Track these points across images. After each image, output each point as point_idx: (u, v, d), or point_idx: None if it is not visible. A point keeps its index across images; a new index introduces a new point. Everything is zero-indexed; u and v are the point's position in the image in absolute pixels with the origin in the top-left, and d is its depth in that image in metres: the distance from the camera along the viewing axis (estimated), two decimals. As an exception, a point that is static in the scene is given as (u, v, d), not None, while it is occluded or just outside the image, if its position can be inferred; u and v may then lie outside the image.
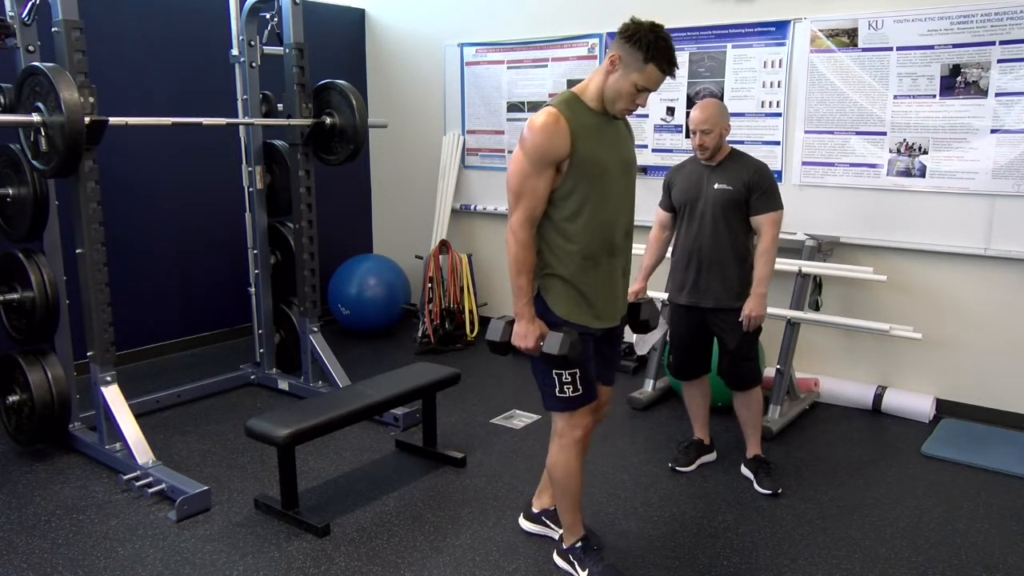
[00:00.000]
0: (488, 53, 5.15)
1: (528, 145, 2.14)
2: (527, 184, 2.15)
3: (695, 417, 3.35)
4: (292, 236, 4.08)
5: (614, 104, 2.19)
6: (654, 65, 2.11)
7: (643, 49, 2.09)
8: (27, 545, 2.68)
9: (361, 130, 3.77)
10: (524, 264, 2.20)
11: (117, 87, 4.23)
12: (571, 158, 2.15)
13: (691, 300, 3.10)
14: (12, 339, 3.41)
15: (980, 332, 3.80)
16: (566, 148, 2.14)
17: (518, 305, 2.23)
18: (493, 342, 2.35)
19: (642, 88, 2.14)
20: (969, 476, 3.26)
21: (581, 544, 2.49)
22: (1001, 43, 3.53)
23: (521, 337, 2.24)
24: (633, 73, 2.12)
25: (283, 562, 2.59)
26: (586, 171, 2.18)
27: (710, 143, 2.97)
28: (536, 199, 2.17)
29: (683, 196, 3.11)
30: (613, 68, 2.15)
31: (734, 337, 3.06)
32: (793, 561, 2.62)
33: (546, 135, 2.12)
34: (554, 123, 2.12)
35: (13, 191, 3.25)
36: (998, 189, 3.62)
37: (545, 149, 2.13)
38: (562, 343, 2.20)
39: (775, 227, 3.00)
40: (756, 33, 4.15)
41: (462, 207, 5.44)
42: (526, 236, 2.19)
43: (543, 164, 2.14)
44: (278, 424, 2.81)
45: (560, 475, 2.41)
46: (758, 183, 2.98)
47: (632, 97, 2.16)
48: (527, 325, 2.23)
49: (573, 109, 2.17)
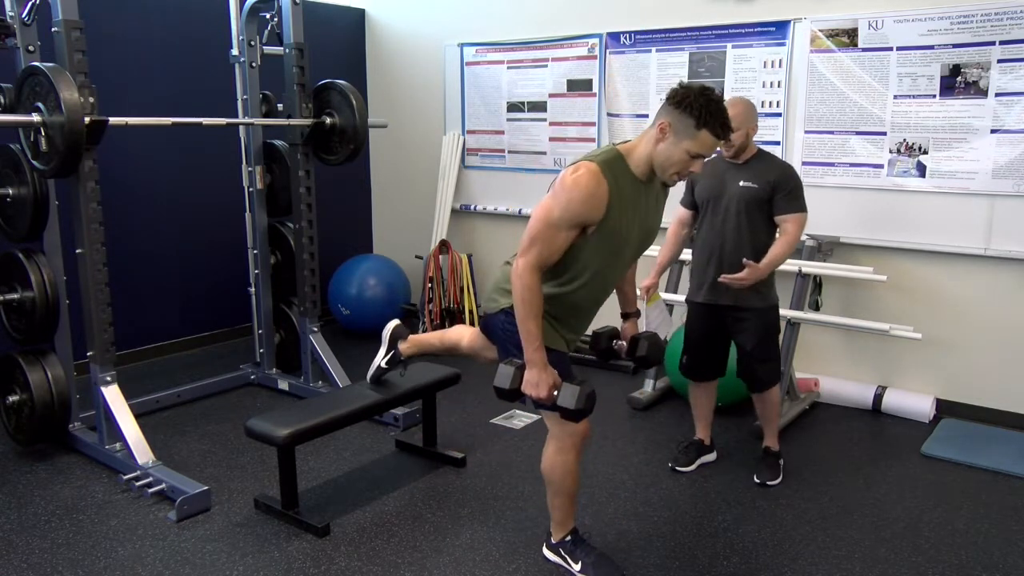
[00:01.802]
0: (488, 53, 5.15)
1: (563, 200, 2.07)
2: (548, 234, 2.10)
3: (699, 417, 3.35)
4: (292, 236, 4.08)
5: (665, 172, 2.13)
6: (707, 131, 2.04)
7: (695, 116, 2.03)
8: (27, 545, 2.68)
9: (361, 130, 3.77)
10: (532, 307, 2.12)
11: (117, 87, 4.23)
12: (600, 224, 2.11)
13: (709, 298, 3.08)
14: (12, 339, 3.41)
15: (980, 332, 3.80)
16: (600, 215, 2.09)
17: (528, 351, 2.15)
18: (502, 389, 2.22)
19: (696, 155, 2.08)
20: (969, 476, 3.26)
21: (571, 537, 2.51)
22: (1001, 43, 3.53)
23: (533, 386, 2.16)
24: (685, 141, 2.06)
25: (283, 562, 2.59)
26: (608, 240, 2.15)
27: (736, 141, 2.93)
28: (552, 251, 2.12)
29: (706, 192, 3.08)
30: (663, 136, 2.08)
31: (751, 338, 3.04)
32: (793, 561, 2.62)
33: (584, 196, 2.05)
34: (596, 186, 2.05)
35: (13, 191, 3.25)
36: (998, 189, 3.62)
37: (579, 210, 2.07)
38: (579, 397, 2.12)
39: (799, 227, 2.97)
40: (756, 33, 4.15)
41: (462, 207, 5.44)
42: (533, 280, 2.12)
43: (572, 223, 2.09)
44: (278, 424, 2.81)
45: (559, 476, 2.41)
46: (783, 183, 2.95)
47: (686, 165, 2.10)
48: (539, 373, 2.16)
49: (616, 173, 2.11)
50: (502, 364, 2.26)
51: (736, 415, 3.79)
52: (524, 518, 2.87)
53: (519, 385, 2.20)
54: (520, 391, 2.20)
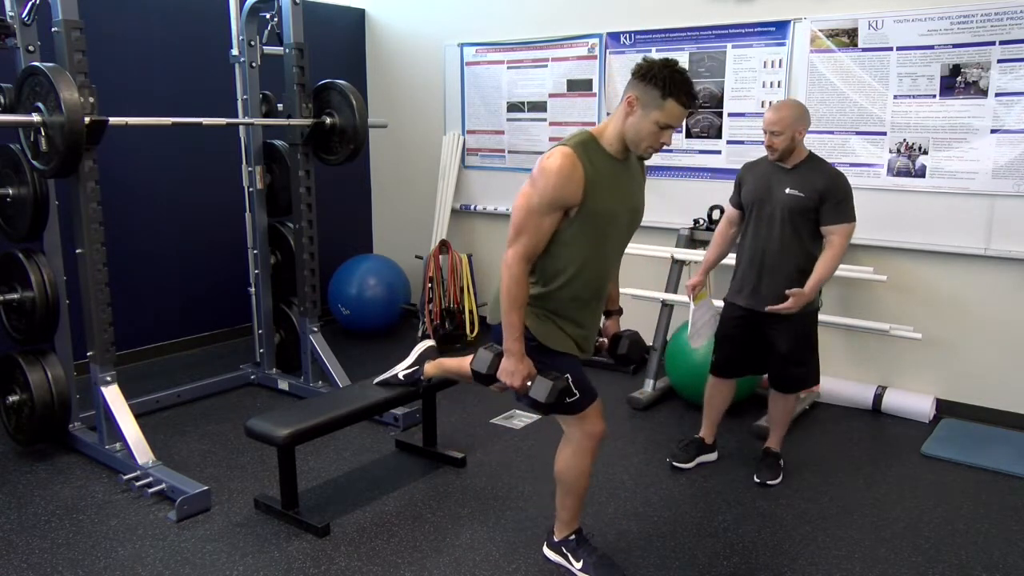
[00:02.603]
0: (488, 53, 5.15)
1: (540, 185, 2.09)
2: (531, 222, 2.12)
3: (708, 416, 3.33)
4: (292, 236, 4.08)
5: (638, 145, 2.15)
6: (673, 100, 2.06)
7: (660, 86, 2.05)
8: (27, 545, 2.68)
9: (361, 130, 3.77)
10: (516, 300, 2.15)
11: (117, 87, 4.23)
12: (581, 206, 2.12)
13: (749, 303, 3.05)
14: (12, 339, 3.41)
15: (980, 332, 3.80)
16: (579, 196, 2.10)
17: (508, 341, 2.19)
18: (479, 373, 2.32)
19: (664, 125, 2.09)
20: (969, 476, 3.26)
21: (575, 536, 2.51)
22: (1001, 43, 3.53)
23: (508, 374, 2.22)
24: (653, 111, 2.07)
25: (283, 562, 2.59)
26: (593, 221, 2.15)
27: (779, 145, 2.89)
28: (538, 238, 2.14)
29: (752, 196, 3.03)
30: (631, 110, 2.11)
31: (787, 341, 3.01)
32: (793, 561, 2.62)
33: (560, 179, 2.07)
34: (571, 168, 2.07)
35: (13, 191, 3.25)
36: (998, 189, 3.62)
37: (557, 193, 2.08)
38: (550, 392, 2.18)
39: (846, 238, 2.91)
40: (756, 33, 4.15)
41: (462, 207, 5.44)
42: (520, 271, 2.14)
43: (552, 207, 2.10)
44: (278, 424, 2.81)
45: (573, 477, 2.41)
46: (832, 192, 2.88)
47: (656, 135, 2.11)
48: (516, 363, 2.20)
49: (590, 153, 2.13)
50: (482, 348, 2.32)
51: (736, 415, 3.78)
52: (524, 518, 2.87)
53: (495, 371, 2.25)
54: (495, 376, 2.26)
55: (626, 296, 4.23)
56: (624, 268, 4.44)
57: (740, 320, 3.12)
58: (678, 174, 4.53)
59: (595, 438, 2.34)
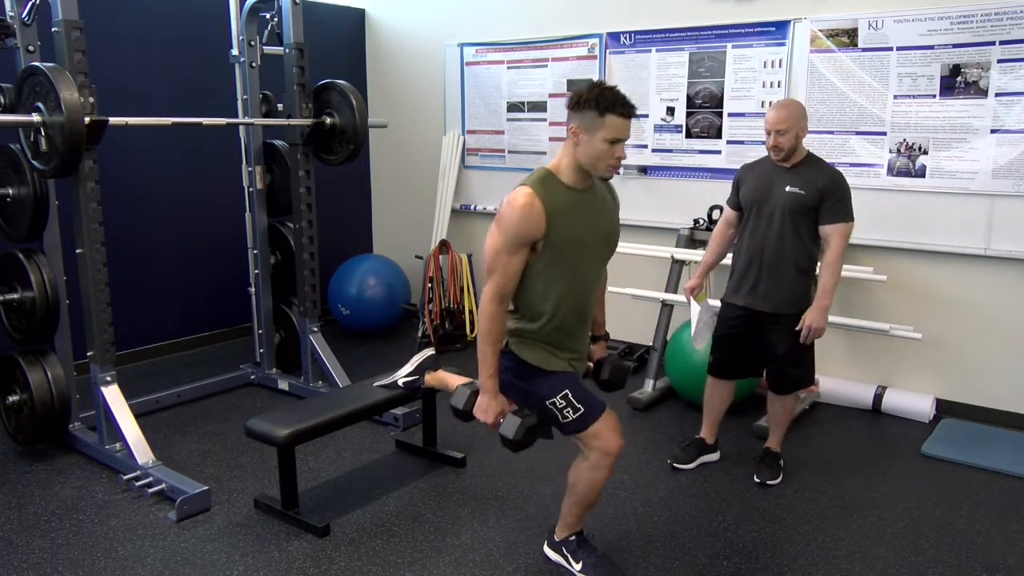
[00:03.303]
0: (488, 53, 5.15)
1: (504, 224, 2.17)
2: (500, 260, 2.19)
3: (708, 416, 3.33)
4: (292, 236, 4.08)
5: (597, 167, 2.20)
6: (611, 114, 2.12)
7: (594, 107, 2.12)
8: (27, 545, 2.68)
9: (361, 130, 3.77)
10: (491, 336, 2.23)
11: (117, 87, 4.23)
12: (546, 238, 2.19)
13: (748, 302, 3.06)
14: (12, 339, 3.41)
15: (980, 332, 3.80)
16: (541, 229, 2.17)
17: (483, 377, 2.28)
18: (456, 409, 2.40)
19: (613, 140, 2.15)
20: (969, 476, 3.26)
21: (576, 537, 2.52)
22: (1001, 43, 3.53)
23: (482, 411, 2.30)
24: (598, 132, 2.14)
25: (283, 562, 2.59)
26: (561, 250, 2.22)
27: (785, 144, 2.90)
28: (508, 276, 2.20)
29: (752, 196, 3.03)
30: (577, 139, 2.18)
31: (785, 341, 3.01)
32: (793, 561, 2.62)
33: (521, 216, 2.14)
34: (529, 205, 2.14)
35: (13, 191, 3.25)
36: (998, 189, 3.62)
37: (520, 230, 2.16)
38: (517, 429, 2.23)
39: (844, 239, 2.92)
40: (756, 33, 4.15)
41: (462, 207, 5.44)
42: (495, 309, 2.22)
43: (517, 244, 2.17)
44: (278, 424, 2.81)
45: (585, 488, 2.40)
46: (832, 191, 2.89)
47: (609, 152, 2.16)
48: (489, 400, 2.28)
49: (548, 189, 2.19)
50: (460, 386, 2.44)
51: (736, 415, 3.78)
52: (524, 518, 2.87)
53: (471, 408, 2.34)
54: (472, 413, 2.34)
55: (626, 296, 4.26)
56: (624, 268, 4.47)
57: (738, 320, 3.11)
58: (678, 174, 4.52)
59: (612, 455, 2.33)
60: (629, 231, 4.64)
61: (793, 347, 3.02)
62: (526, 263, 2.21)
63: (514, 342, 2.31)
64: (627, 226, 4.61)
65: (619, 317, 4.80)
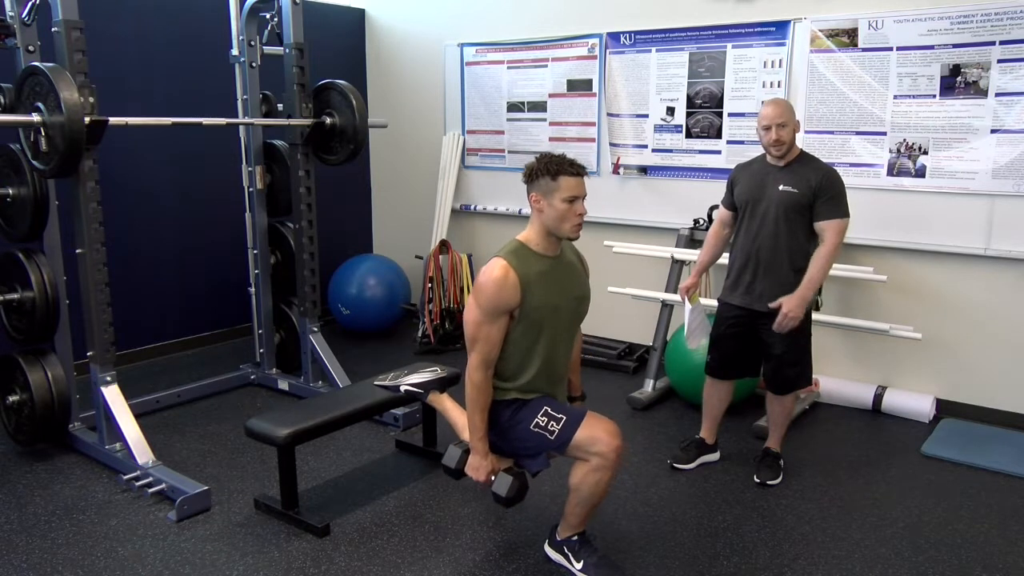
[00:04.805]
0: (488, 53, 5.15)
1: (481, 297, 2.32)
2: (481, 331, 2.33)
3: (707, 416, 3.33)
4: (292, 236, 4.08)
5: (561, 228, 2.33)
6: (563, 176, 2.29)
7: (546, 172, 2.30)
8: (27, 545, 2.68)
9: (361, 130, 3.77)
10: (478, 404, 2.37)
11: (117, 87, 4.23)
12: (522, 306, 2.33)
13: (744, 302, 3.06)
14: (12, 339, 3.41)
15: (980, 332, 3.80)
16: (516, 298, 2.32)
17: (472, 440, 2.42)
18: (448, 468, 2.54)
19: (571, 199, 2.30)
20: (969, 476, 3.26)
21: (578, 537, 2.52)
22: (1001, 43, 3.53)
23: (473, 469, 2.43)
24: (555, 195, 2.30)
25: (283, 562, 2.59)
26: (536, 317, 2.36)
27: (787, 137, 2.91)
28: (490, 344, 2.34)
29: (746, 195, 3.04)
30: (540, 206, 2.33)
31: (782, 341, 3.01)
32: (793, 561, 2.62)
33: (497, 288, 2.29)
34: (503, 276, 2.29)
35: (13, 191, 3.25)
36: (998, 189, 3.62)
37: (497, 300, 2.30)
38: (509, 487, 2.37)
39: (839, 235, 2.91)
40: (756, 33, 4.15)
41: (462, 207, 5.44)
42: (481, 379, 2.36)
43: (496, 314, 2.32)
44: (278, 424, 2.81)
45: (589, 490, 2.40)
46: (825, 187, 2.89)
47: (570, 211, 2.31)
48: (480, 460, 2.42)
49: (521, 259, 2.34)
50: (451, 445, 2.58)
51: (736, 415, 3.78)
52: (524, 518, 2.87)
53: (463, 467, 2.48)
54: (464, 472, 2.48)
55: (626, 296, 4.26)
56: (624, 268, 4.47)
57: (735, 319, 3.12)
58: (678, 174, 4.52)
59: (612, 455, 2.33)
60: (629, 231, 4.65)
61: (790, 347, 3.02)
62: (506, 332, 2.35)
63: (497, 393, 2.44)
64: (627, 226, 4.66)
65: (619, 317, 4.82)
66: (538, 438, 2.37)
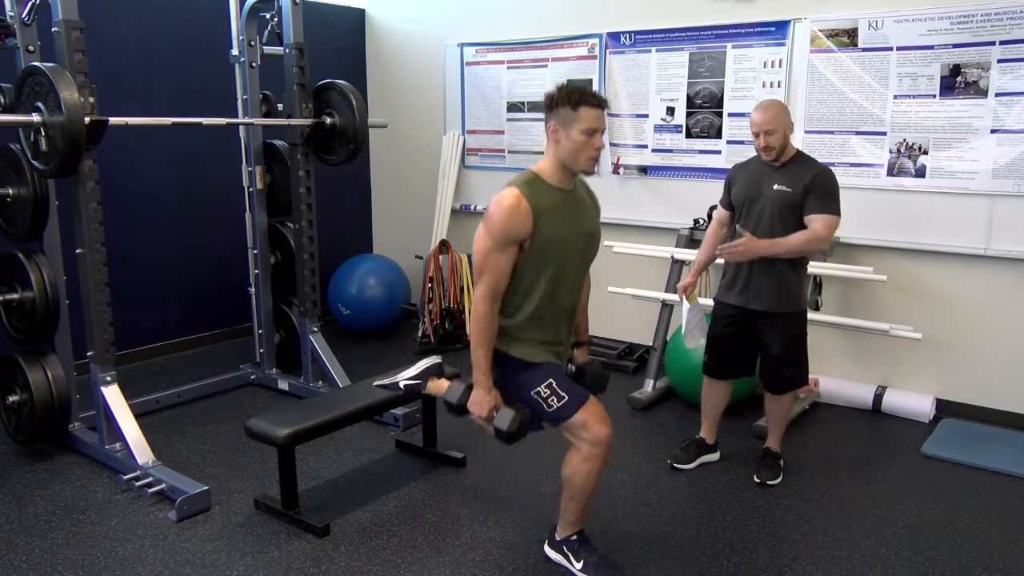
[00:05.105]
0: (488, 53, 5.15)
1: (492, 225, 2.25)
2: (490, 260, 2.26)
3: (707, 416, 3.34)
4: (292, 236, 4.08)
5: (577, 161, 2.28)
6: (584, 106, 2.23)
7: (567, 102, 2.24)
8: (27, 545, 2.68)
9: (361, 130, 3.77)
10: (483, 337, 2.31)
11: (117, 87, 4.23)
12: (532, 237, 2.27)
13: (740, 301, 3.06)
14: (12, 339, 3.41)
15: (980, 332, 3.80)
16: (528, 229, 2.25)
17: (476, 374, 2.36)
18: (450, 404, 2.49)
19: (590, 131, 2.25)
20: (969, 476, 3.26)
21: (577, 536, 2.52)
22: (1001, 43, 3.53)
23: (476, 405, 2.38)
24: (574, 125, 2.24)
25: (283, 562, 2.59)
26: (547, 249, 2.29)
27: (775, 143, 2.91)
28: (499, 275, 2.28)
29: (742, 195, 3.05)
30: (557, 137, 2.28)
31: (779, 341, 3.02)
32: (793, 561, 2.62)
33: (508, 216, 2.23)
34: (516, 204, 2.23)
35: (13, 191, 3.25)
36: (998, 189, 3.62)
37: (507, 229, 2.24)
38: (512, 420, 2.32)
39: (826, 228, 2.88)
40: (756, 33, 4.15)
41: (462, 207, 5.44)
42: (487, 310, 2.29)
43: (506, 243, 2.25)
44: (278, 424, 2.81)
45: (580, 482, 2.41)
46: (817, 185, 2.89)
47: (587, 144, 2.26)
48: (483, 395, 2.36)
49: (534, 189, 2.28)
50: (455, 382, 2.55)
51: (736, 415, 3.78)
52: (524, 518, 2.87)
53: (466, 402, 2.43)
54: (466, 407, 2.43)
55: (626, 296, 4.26)
56: (624, 268, 4.47)
57: (731, 319, 3.12)
58: (678, 174, 4.52)
59: (601, 444, 2.34)
60: (629, 231, 4.65)
61: (787, 347, 3.03)
62: (515, 263, 2.29)
63: (501, 340, 2.37)
64: (627, 226, 4.66)
65: (619, 317, 4.82)
66: (535, 405, 2.35)
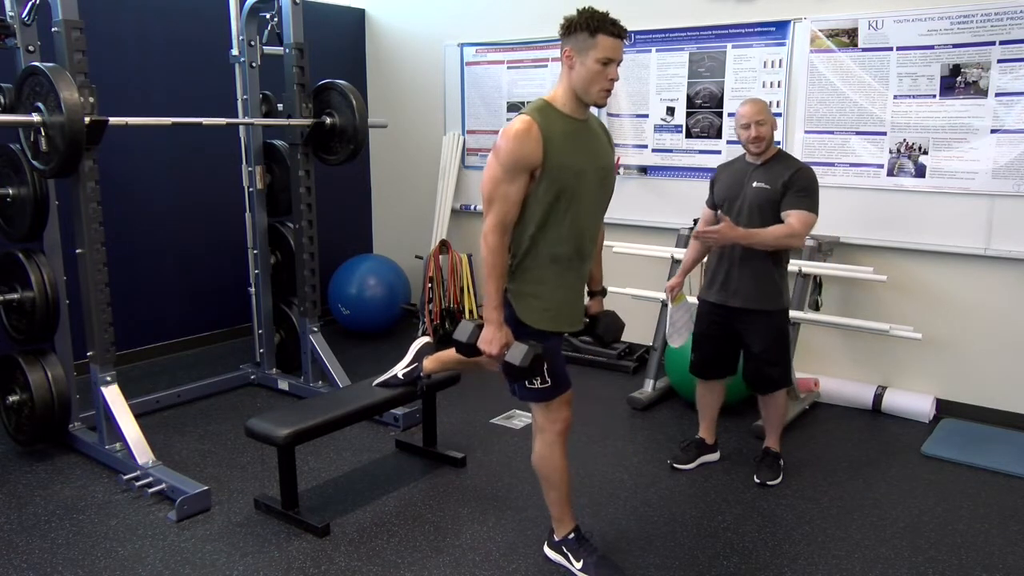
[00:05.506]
0: (488, 53, 5.15)
1: (501, 152, 2.15)
2: (500, 190, 2.17)
3: (703, 416, 3.34)
4: (292, 236, 4.08)
5: (589, 92, 2.20)
6: (602, 34, 2.15)
7: (585, 28, 2.16)
8: (27, 545, 2.68)
9: (361, 130, 3.77)
10: (494, 269, 2.21)
11: (117, 87, 4.23)
12: (544, 165, 2.16)
13: (720, 299, 3.07)
14: (12, 339, 3.41)
15: (980, 332, 3.80)
16: (539, 155, 2.15)
17: (487, 309, 2.27)
18: (460, 342, 2.37)
19: (605, 60, 2.16)
20: (969, 476, 3.26)
21: (574, 535, 2.52)
22: (1001, 43, 3.53)
23: (487, 342, 2.27)
24: (590, 53, 2.16)
25: (283, 562, 2.59)
26: (559, 177, 2.19)
27: (766, 133, 2.93)
28: (508, 205, 2.18)
29: (724, 193, 3.08)
30: (571, 63, 2.21)
31: (760, 340, 3.03)
32: (793, 561, 2.62)
33: (519, 142, 2.13)
34: (526, 131, 2.14)
35: (13, 191, 3.25)
36: (998, 189, 3.62)
37: (518, 156, 2.14)
38: (524, 355, 2.23)
39: (802, 225, 2.86)
40: (756, 33, 4.15)
41: (462, 207, 5.44)
42: (497, 241, 2.19)
43: (516, 171, 2.15)
44: (278, 424, 2.81)
45: (547, 470, 2.44)
46: (795, 181, 2.90)
47: (602, 74, 2.18)
48: (494, 331, 2.26)
49: (546, 116, 2.19)
50: (464, 320, 2.38)
51: (736, 415, 3.79)
52: (524, 518, 2.87)
53: (476, 340, 2.31)
54: (476, 346, 2.31)
55: (626, 296, 4.26)
56: (624, 268, 4.47)
57: (713, 317, 3.14)
58: (678, 174, 4.52)
59: (560, 424, 2.37)
60: (629, 231, 4.65)
61: (768, 346, 3.05)
62: (525, 194, 2.19)
63: (512, 290, 2.28)
64: (627, 226, 4.66)
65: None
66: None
